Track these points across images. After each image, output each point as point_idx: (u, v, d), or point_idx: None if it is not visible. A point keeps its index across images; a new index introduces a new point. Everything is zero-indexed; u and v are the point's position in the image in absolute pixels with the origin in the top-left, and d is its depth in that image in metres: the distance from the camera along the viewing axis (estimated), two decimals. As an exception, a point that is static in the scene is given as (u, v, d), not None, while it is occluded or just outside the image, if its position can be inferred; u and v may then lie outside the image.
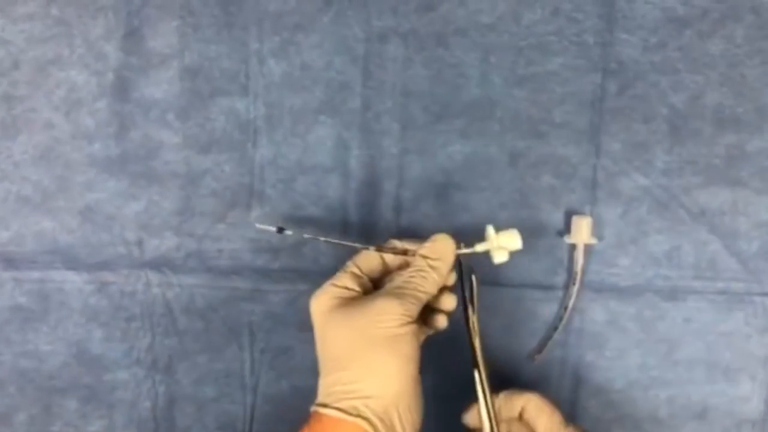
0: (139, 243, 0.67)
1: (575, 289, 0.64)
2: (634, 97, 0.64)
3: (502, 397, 0.58)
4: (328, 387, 0.54)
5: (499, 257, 0.58)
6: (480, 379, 0.58)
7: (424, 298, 0.56)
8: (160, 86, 0.65)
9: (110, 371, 0.67)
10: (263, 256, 0.66)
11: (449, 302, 0.59)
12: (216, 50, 0.65)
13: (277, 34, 0.65)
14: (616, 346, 0.66)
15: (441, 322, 0.59)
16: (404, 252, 0.58)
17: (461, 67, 0.65)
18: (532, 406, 0.58)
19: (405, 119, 0.65)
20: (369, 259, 0.59)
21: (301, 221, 0.66)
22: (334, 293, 0.56)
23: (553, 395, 0.60)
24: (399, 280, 0.56)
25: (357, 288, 0.57)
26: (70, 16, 0.65)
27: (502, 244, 0.58)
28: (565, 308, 0.65)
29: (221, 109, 0.65)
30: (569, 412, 0.66)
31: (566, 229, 0.65)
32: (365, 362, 0.53)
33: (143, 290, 0.67)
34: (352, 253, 0.62)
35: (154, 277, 0.66)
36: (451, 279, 0.59)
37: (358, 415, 0.52)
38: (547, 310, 0.66)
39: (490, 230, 0.58)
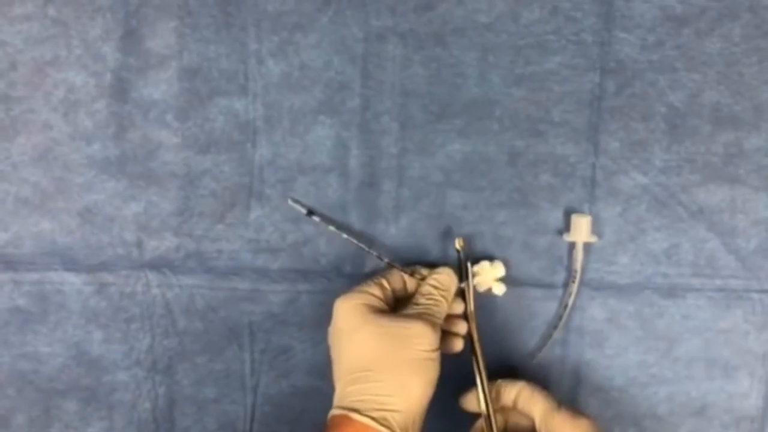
0: (139, 244, 0.66)
1: (575, 287, 0.64)
2: (632, 96, 0.64)
3: (495, 387, 0.62)
4: (358, 394, 0.56)
5: (498, 290, 0.64)
6: (477, 364, 0.61)
7: (441, 323, 0.60)
8: (159, 87, 0.65)
9: (110, 372, 0.67)
10: (263, 257, 0.66)
11: (462, 327, 0.63)
12: (214, 50, 0.65)
13: (276, 34, 0.65)
14: (615, 344, 0.66)
15: (458, 345, 0.63)
16: (422, 277, 0.62)
17: (460, 67, 0.65)
18: (524, 393, 0.60)
19: (404, 119, 0.65)
20: (395, 278, 0.63)
21: (300, 221, 0.66)
22: (364, 299, 0.59)
23: (553, 393, 0.61)
24: (422, 305, 0.60)
25: (383, 299, 0.60)
26: (67, 16, 0.64)
27: (495, 277, 0.64)
28: (565, 306, 0.65)
29: (220, 110, 0.65)
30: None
31: (565, 227, 0.65)
32: (399, 379, 0.55)
33: (143, 291, 0.66)
34: (356, 252, 0.63)
35: (153, 277, 0.66)
36: (459, 308, 0.63)
37: (388, 427, 0.54)
38: (547, 308, 0.66)
39: (483, 267, 0.64)
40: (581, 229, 0.63)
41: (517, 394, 0.61)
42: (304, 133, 0.65)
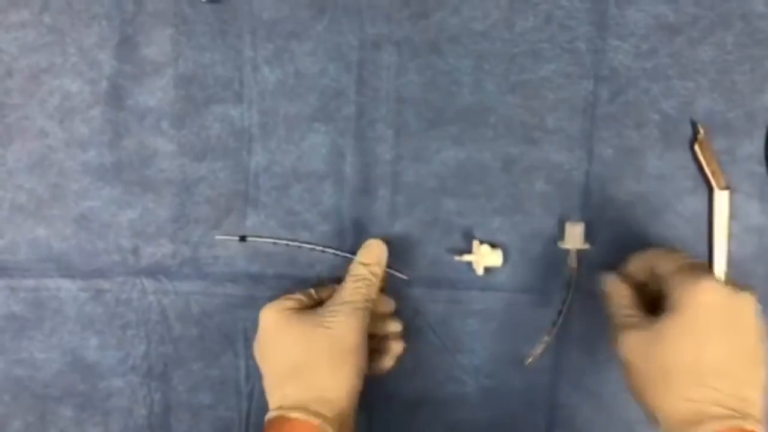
0: (134, 250, 0.67)
1: (568, 294, 0.64)
2: (625, 104, 0.64)
3: (631, 263, 0.59)
4: (292, 393, 0.56)
5: (479, 269, 0.64)
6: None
7: (371, 305, 0.60)
8: (154, 94, 0.65)
9: (105, 379, 0.67)
10: (258, 263, 0.67)
11: (395, 325, 0.63)
12: (210, 58, 0.65)
13: (271, 41, 0.65)
14: (608, 350, 0.63)
15: (387, 363, 0.63)
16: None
17: (454, 74, 0.65)
18: (660, 258, 0.57)
19: (399, 126, 0.65)
20: (326, 290, 0.62)
21: (295, 228, 0.66)
22: (288, 304, 0.59)
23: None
24: (347, 291, 0.59)
25: (305, 299, 0.61)
26: (63, 24, 0.65)
27: (492, 264, 0.64)
28: (559, 313, 0.65)
29: (216, 117, 0.65)
30: (563, 415, 0.67)
31: (560, 234, 0.65)
32: (329, 372, 0.56)
33: (138, 297, 0.67)
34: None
35: (149, 284, 0.66)
36: (388, 306, 0.64)
37: (323, 418, 0.54)
38: (541, 314, 0.66)
39: (485, 249, 0.64)
40: (575, 237, 0.63)
41: (653, 261, 0.57)
42: (299, 140, 0.66)
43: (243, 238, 0.64)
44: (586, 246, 0.64)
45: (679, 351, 0.51)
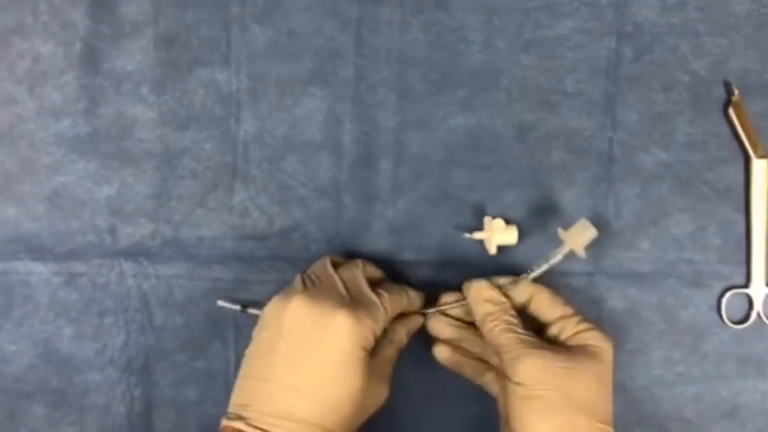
0: (112, 230, 0.64)
1: (532, 274, 0.59)
2: (651, 63, 0.63)
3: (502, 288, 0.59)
4: (257, 398, 0.53)
5: (492, 249, 0.61)
6: None
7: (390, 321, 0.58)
8: (133, 57, 0.64)
9: (81, 372, 0.65)
10: (248, 244, 0.64)
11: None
12: (194, 16, 0.63)
13: (261, -3, 0.63)
14: (636, 339, 0.64)
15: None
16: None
17: (463, 32, 0.63)
18: (541, 297, 0.58)
19: (402, 90, 0.63)
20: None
21: (288, 204, 0.64)
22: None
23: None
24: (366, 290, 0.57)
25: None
26: (33, -20, 0.64)
27: (499, 237, 0.61)
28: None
29: (200, 82, 0.64)
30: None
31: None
32: (315, 383, 0.53)
33: (116, 282, 0.64)
34: (350, 237, 0.63)
35: (128, 267, 0.64)
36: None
37: None
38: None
39: (498, 224, 0.61)
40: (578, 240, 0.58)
41: (530, 295, 0.58)
42: (292, 106, 0.64)
43: (244, 308, 0.62)
44: (582, 254, 0.59)
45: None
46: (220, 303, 0.62)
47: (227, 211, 0.64)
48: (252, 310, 0.61)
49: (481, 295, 0.57)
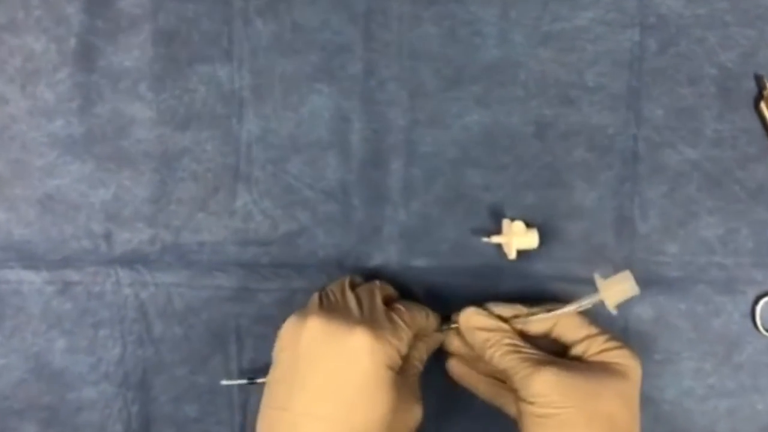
0: (108, 236, 0.63)
1: (552, 313, 0.56)
2: (677, 56, 0.62)
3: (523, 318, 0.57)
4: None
5: (511, 253, 0.60)
6: None
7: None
8: (131, 53, 0.63)
9: (74, 388, 0.64)
10: (251, 249, 0.63)
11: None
12: (194, 10, 0.63)
13: (265, -11, 0.63)
14: (665, 348, 0.62)
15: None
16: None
17: (477, 25, 0.62)
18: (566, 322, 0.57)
19: (413, 86, 0.62)
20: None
21: (294, 208, 0.62)
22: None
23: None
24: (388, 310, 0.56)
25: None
26: (25, -28, 0.63)
27: (519, 240, 0.60)
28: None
29: (201, 79, 0.63)
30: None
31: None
32: (335, 404, 0.51)
33: (113, 291, 0.63)
34: (359, 243, 0.62)
35: (124, 275, 0.63)
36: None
37: None
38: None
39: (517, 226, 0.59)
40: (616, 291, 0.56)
41: (552, 325, 0.56)
42: (297, 104, 0.63)
43: (251, 380, 0.61)
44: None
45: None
46: (224, 382, 0.61)
47: (229, 215, 0.63)
48: (261, 380, 0.58)
49: (470, 323, 0.56)
